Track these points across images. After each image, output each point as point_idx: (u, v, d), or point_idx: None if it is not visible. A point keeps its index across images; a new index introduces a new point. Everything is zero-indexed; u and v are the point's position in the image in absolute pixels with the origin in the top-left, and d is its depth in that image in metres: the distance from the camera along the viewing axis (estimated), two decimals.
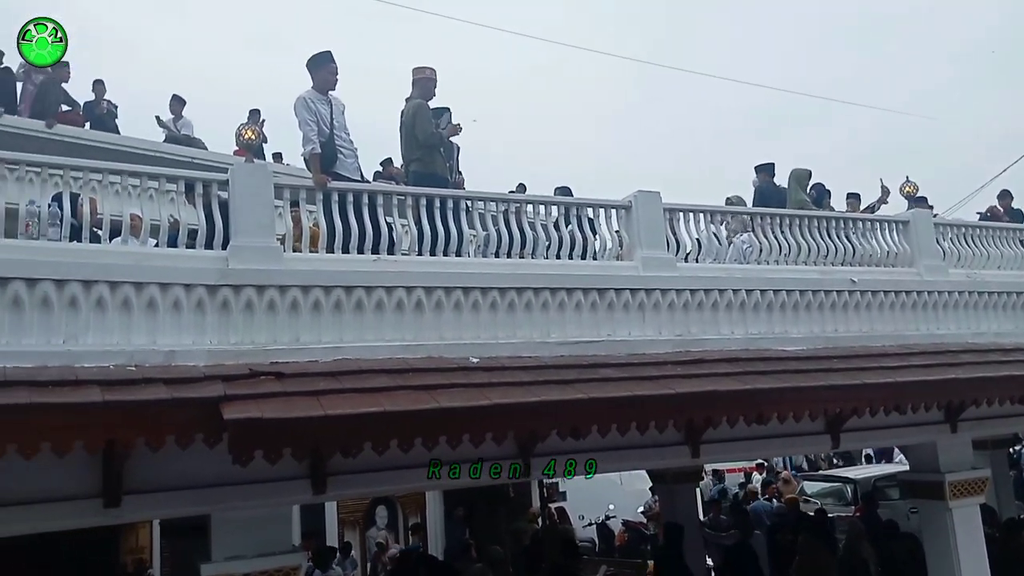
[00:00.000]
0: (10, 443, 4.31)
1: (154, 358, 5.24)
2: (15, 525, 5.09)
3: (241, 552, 5.49)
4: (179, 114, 12.46)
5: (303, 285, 5.91)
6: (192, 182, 6.08)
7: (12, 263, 5.05)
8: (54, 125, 10.55)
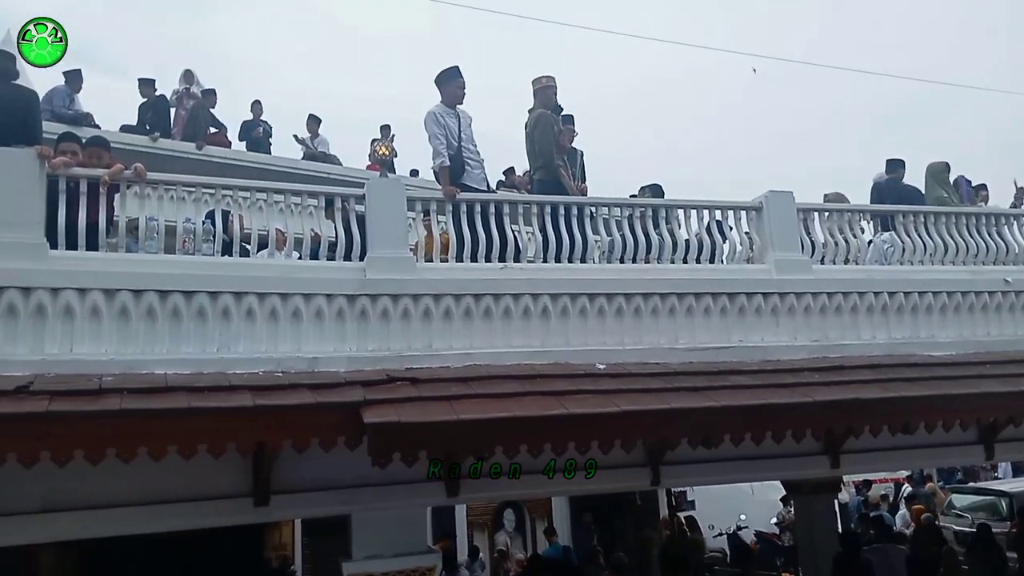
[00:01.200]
0: (171, 444, 4.67)
1: (299, 364, 5.53)
2: (174, 521, 5.49)
3: (379, 551, 5.71)
4: (315, 132, 13.10)
5: (435, 293, 6.08)
6: (331, 197, 6.39)
7: (171, 277, 5.45)
8: (203, 147, 11.35)
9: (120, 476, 4.85)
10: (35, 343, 5.02)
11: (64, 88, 10.80)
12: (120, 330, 5.22)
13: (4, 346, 4.96)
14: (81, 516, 5.12)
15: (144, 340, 5.27)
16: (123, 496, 5.13)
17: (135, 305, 5.27)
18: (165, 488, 5.20)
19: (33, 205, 5.25)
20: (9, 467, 4.40)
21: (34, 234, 5.20)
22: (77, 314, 5.13)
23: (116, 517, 5.20)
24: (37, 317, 5.05)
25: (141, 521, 5.34)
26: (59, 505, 5.02)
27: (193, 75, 12.24)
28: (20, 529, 5.11)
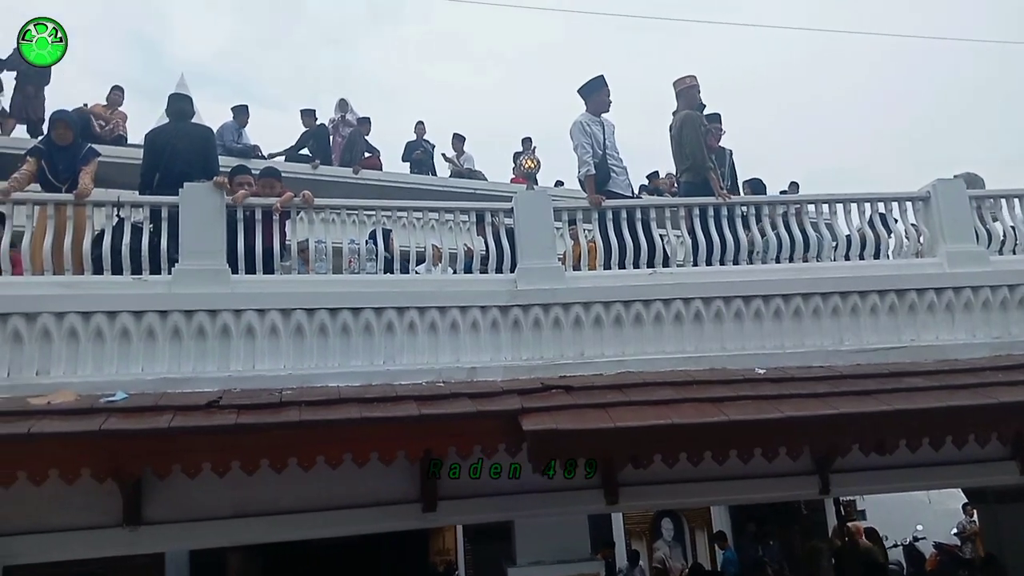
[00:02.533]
0: (346, 452, 4.96)
1: (458, 374, 5.73)
2: (350, 525, 5.82)
3: (543, 558, 5.80)
4: (460, 150, 13.53)
5: (584, 302, 6.13)
6: (482, 212, 6.58)
7: (340, 295, 5.79)
8: (359, 171, 11.97)
9: (301, 483, 5.20)
10: (222, 361, 5.47)
11: (232, 123, 11.71)
12: (296, 347, 5.60)
13: (196, 364, 5.43)
14: (267, 521, 5.52)
15: (317, 355, 5.63)
16: (304, 502, 5.48)
17: (308, 323, 5.64)
18: (341, 494, 5.51)
19: (216, 234, 5.73)
20: (204, 475, 4.84)
21: (217, 261, 5.68)
22: (258, 333, 5.55)
23: (298, 522, 5.57)
24: (223, 337, 5.51)
25: (320, 525, 5.69)
26: (248, 511, 5.43)
27: (347, 104, 12.94)
28: (214, 533, 5.58)
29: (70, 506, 5.08)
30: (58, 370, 5.19)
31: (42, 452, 4.45)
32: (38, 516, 5.09)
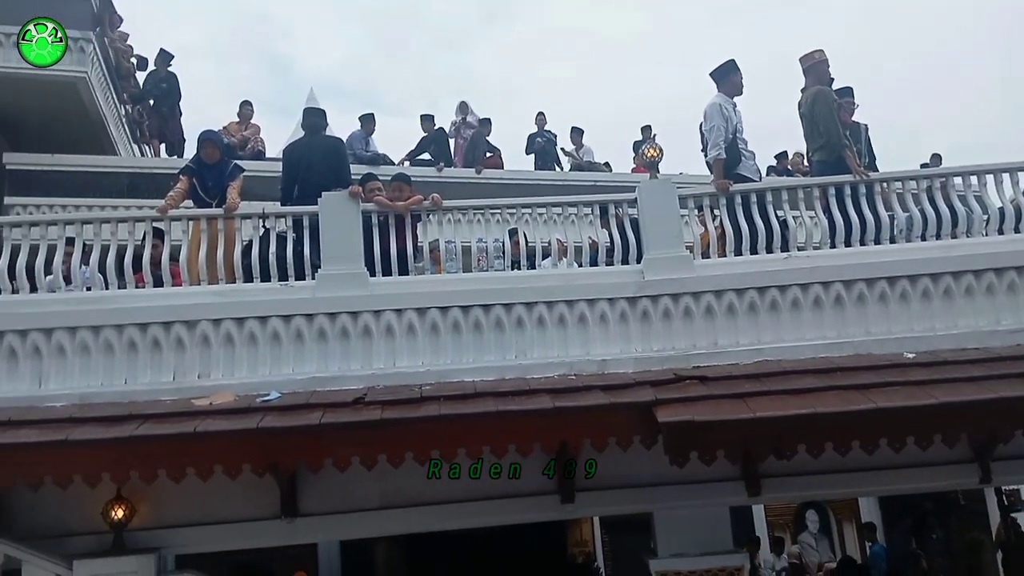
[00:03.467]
0: (485, 445, 5.09)
1: (589, 367, 5.74)
2: (490, 517, 5.95)
3: (684, 550, 5.75)
4: (579, 143, 13.52)
5: (716, 290, 6.01)
6: (605, 204, 6.57)
7: (471, 293, 5.93)
8: (481, 170, 12.18)
9: (442, 476, 5.37)
10: (365, 359, 5.72)
11: (360, 132, 12.17)
12: (432, 344, 5.79)
13: (341, 363, 5.70)
14: (412, 512, 5.72)
15: (452, 351, 5.79)
16: (446, 494, 5.65)
17: (443, 320, 5.81)
18: (481, 486, 5.65)
19: (353, 240, 5.99)
20: (353, 469, 5.09)
21: (356, 265, 5.94)
22: (396, 332, 5.77)
23: (441, 513, 5.75)
24: (365, 337, 5.76)
25: (462, 516, 5.85)
26: (394, 502, 5.66)
27: (468, 106, 13.19)
28: (363, 524, 5.85)
29: (233, 499, 5.44)
30: (217, 373, 5.58)
31: (208, 449, 4.82)
32: (205, 509, 5.48)
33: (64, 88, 9.94)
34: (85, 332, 5.48)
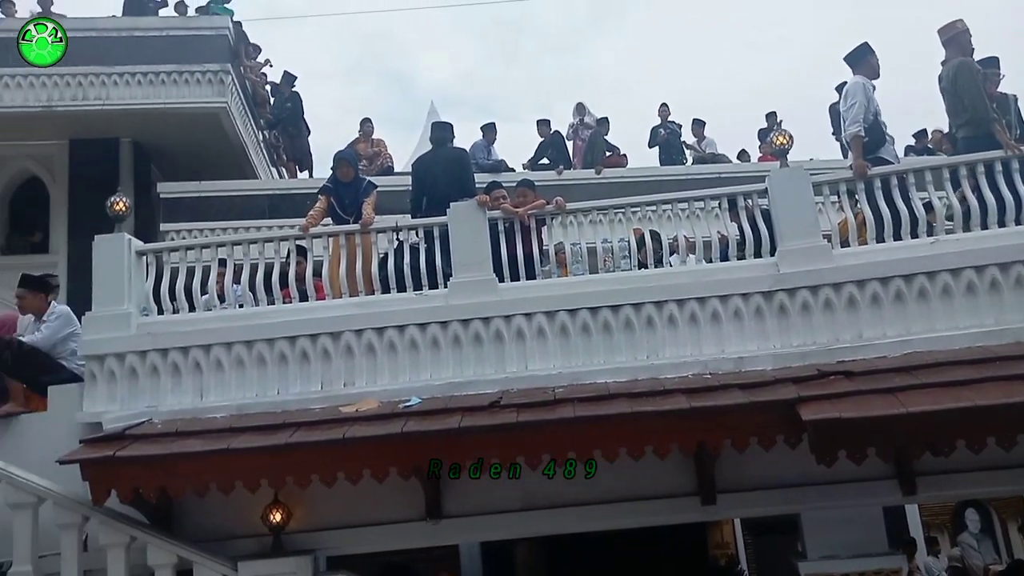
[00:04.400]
0: (621, 446, 5.07)
1: (725, 365, 5.61)
2: (629, 518, 5.93)
3: (836, 552, 5.52)
4: (701, 135, 13.24)
5: (857, 280, 5.74)
6: (733, 197, 6.40)
7: (599, 294, 5.91)
8: (601, 170, 12.14)
9: (580, 478, 5.40)
10: (498, 364, 5.82)
11: (482, 141, 12.40)
12: (563, 346, 5.82)
13: (475, 368, 5.83)
14: (552, 514, 5.76)
15: (583, 353, 5.80)
16: (585, 495, 5.67)
17: (572, 323, 5.83)
18: (619, 488, 5.63)
19: (481, 247, 6.10)
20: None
21: (485, 272, 6.05)
22: (527, 336, 5.84)
23: (580, 514, 5.77)
24: (497, 342, 5.85)
25: (601, 518, 5.84)
26: (534, 504, 5.73)
27: (584, 107, 13.20)
28: (505, 525, 5.94)
29: (381, 502, 5.66)
30: (361, 381, 5.82)
31: (356, 454, 5.04)
32: (355, 512, 5.71)
33: (207, 119, 10.69)
34: (240, 347, 5.84)
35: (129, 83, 10.29)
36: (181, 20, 11.32)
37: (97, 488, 5.02)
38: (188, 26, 10.97)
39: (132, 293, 5.98)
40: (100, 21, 10.88)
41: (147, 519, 5.51)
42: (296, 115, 12.92)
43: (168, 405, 5.74)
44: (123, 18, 11.25)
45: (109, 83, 10.25)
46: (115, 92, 10.29)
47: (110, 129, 10.70)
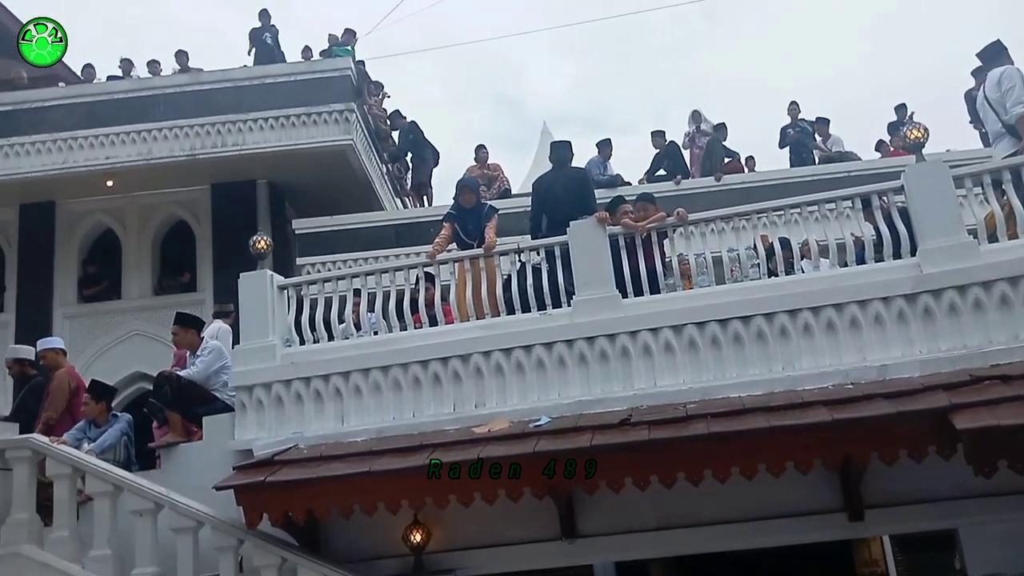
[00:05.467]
0: (760, 463, 4.92)
1: (868, 374, 5.36)
2: (769, 537, 5.73)
3: (1000, 569, 5.16)
4: (826, 134, 12.73)
5: (1010, 277, 5.37)
6: (866, 196, 6.13)
7: (727, 306, 5.78)
8: (721, 177, 11.88)
9: (719, 494, 5.27)
10: (626, 381, 5.78)
11: (598, 158, 12.39)
12: (692, 361, 5.72)
13: (603, 386, 5.81)
14: (689, 532, 5.66)
15: (714, 367, 5.68)
16: (723, 513, 5.53)
17: (700, 336, 5.73)
18: (759, 506, 5.46)
19: (603, 264, 6.10)
20: (627, 489, 5.13)
21: (608, 288, 6.04)
22: (654, 351, 5.77)
23: (718, 533, 5.63)
24: (623, 358, 5.82)
25: (740, 536, 5.69)
26: (670, 523, 5.63)
27: (700, 115, 12.97)
28: (640, 544, 5.87)
29: (517, 522, 5.70)
30: (491, 401, 5.93)
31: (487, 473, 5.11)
32: (492, 532, 5.80)
33: (334, 156, 11.24)
34: (376, 372, 6.07)
35: (263, 128, 10.98)
36: (307, 64, 11.95)
37: (251, 512, 5.33)
38: (313, 70, 11.58)
39: (276, 326, 6.34)
40: (234, 72, 11.66)
41: (296, 541, 5.78)
42: (419, 143, 13.36)
43: (312, 431, 6.02)
44: (254, 67, 12.02)
45: (245, 129, 10.97)
46: (250, 137, 10.99)
47: (247, 172, 11.43)
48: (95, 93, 11.56)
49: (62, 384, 6.98)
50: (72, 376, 7.16)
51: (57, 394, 6.92)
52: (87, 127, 11.06)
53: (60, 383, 7.00)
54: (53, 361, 7.33)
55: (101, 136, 11.02)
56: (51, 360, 7.35)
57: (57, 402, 6.87)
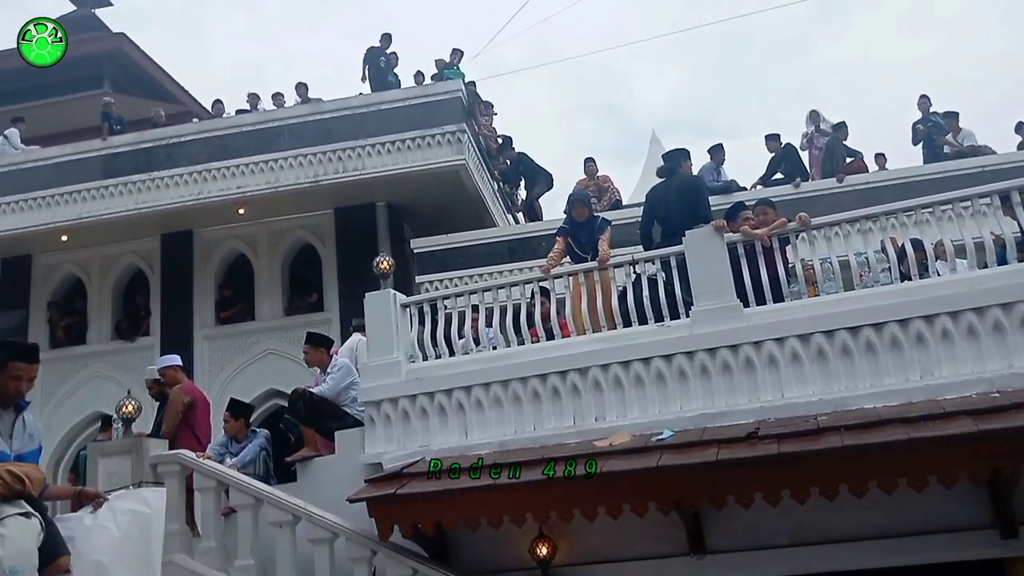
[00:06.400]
0: (900, 476, 4.69)
1: (1015, 382, 5.03)
2: (910, 555, 5.38)
3: None
4: (956, 128, 12.02)
5: None
6: (1006, 192, 5.76)
7: (857, 312, 5.56)
8: (843, 178, 11.41)
9: (856, 510, 5.05)
10: (751, 392, 5.64)
11: (711, 164, 12.14)
12: (821, 371, 5.53)
13: (727, 398, 5.69)
14: (824, 549, 5.42)
15: (845, 377, 5.47)
16: (861, 529, 5.28)
17: (829, 345, 5.53)
18: (900, 522, 5.19)
19: (722, 273, 5.98)
20: (757, 505, 5.00)
21: (728, 298, 5.91)
22: (780, 362, 5.61)
23: (855, 551, 5.37)
24: (748, 370, 5.69)
25: (879, 555, 5.39)
26: (804, 539, 5.42)
27: (819, 114, 12.53)
28: (773, 562, 5.63)
29: (643, 537, 5.62)
30: (611, 415, 5.91)
31: (615, 488, 5.10)
32: (618, 546, 5.73)
33: (448, 176, 11.52)
34: (496, 387, 6.17)
35: (380, 152, 11.37)
36: (419, 88, 12.30)
37: (382, 524, 5.51)
38: (426, 93, 11.91)
39: (400, 342, 6.54)
40: (351, 100, 12.15)
41: (426, 552, 5.92)
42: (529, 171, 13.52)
43: (438, 444, 6.17)
44: (371, 95, 12.47)
45: (363, 154, 11.40)
46: (369, 162, 11.41)
47: (367, 195, 11.87)
48: (225, 127, 12.29)
49: (176, 400, 7.07)
50: (186, 391, 7.22)
51: (170, 410, 7.07)
52: (219, 159, 11.78)
53: (174, 399, 7.09)
54: (172, 378, 7.44)
55: (232, 167, 11.71)
56: (170, 377, 7.47)
57: (171, 418, 6.97)
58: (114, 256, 12.90)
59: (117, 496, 4.11)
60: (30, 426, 3.74)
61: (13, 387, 3.58)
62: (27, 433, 3.68)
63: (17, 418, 3.65)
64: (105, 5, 20.83)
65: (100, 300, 12.86)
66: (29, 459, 3.64)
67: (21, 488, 3.01)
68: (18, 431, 3.63)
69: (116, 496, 4.10)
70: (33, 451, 3.72)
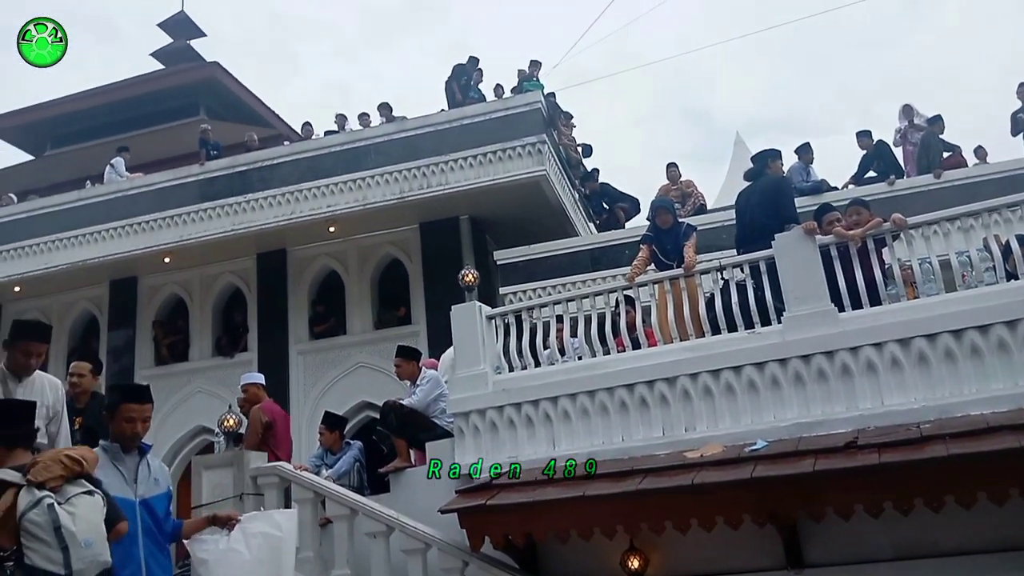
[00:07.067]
0: (1012, 487, 4.46)
1: None
2: None
3: None
4: None
5: None
6: None
7: (959, 315, 5.30)
8: (940, 174, 10.91)
9: (965, 522, 4.81)
10: (849, 400, 5.44)
11: (799, 164, 11.80)
12: (923, 377, 5.29)
13: (823, 406, 5.50)
14: (928, 565, 5.17)
15: (949, 383, 5.22)
16: (969, 543, 5.03)
17: (931, 349, 5.29)
18: (1012, 534, 4.91)
19: (815, 277, 5.80)
20: (858, 517, 4.82)
21: (822, 302, 5.73)
22: (879, 368, 5.40)
23: (966, 565, 5.10)
24: (844, 377, 5.49)
25: (990, 570, 5.11)
26: (909, 553, 5.19)
27: (912, 108, 12.02)
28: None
29: (739, 550, 5.49)
30: (702, 425, 5.80)
31: (707, 500, 5.01)
32: (713, 559, 5.61)
33: (529, 187, 11.60)
34: (583, 397, 6.15)
35: (463, 167, 11.55)
36: (500, 102, 12.42)
37: (474, 535, 5.56)
38: (507, 106, 12.02)
39: (486, 354, 6.60)
40: (434, 117, 12.37)
41: (516, 564, 5.94)
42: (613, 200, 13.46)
43: (526, 455, 6.18)
44: (452, 110, 12.67)
45: (447, 169, 11.60)
46: (452, 177, 11.60)
47: (451, 209, 12.06)
48: (315, 148, 12.70)
49: (255, 420, 7.07)
50: (265, 411, 7.15)
51: (249, 429, 7.14)
52: (310, 179, 12.19)
53: (253, 419, 7.10)
54: (254, 395, 7.38)
55: (322, 187, 12.10)
56: (252, 395, 7.41)
57: (251, 437, 7.00)
58: (213, 276, 13.50)
59: (249, 518, 4.12)
60: (155, 470, 3.78)
61: (129, 429, 3.65)
62: (152, 477, 3.73)
63: (141, 461, 3.71)
64: (199, 36, 21.88)
65: (201, 318, 13.46)
66: (157, 505, 3.69)
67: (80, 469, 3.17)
68: (143, 475, 3.69)
69: (248, 518, 4.10)
70: (160, 495, 3.75)
